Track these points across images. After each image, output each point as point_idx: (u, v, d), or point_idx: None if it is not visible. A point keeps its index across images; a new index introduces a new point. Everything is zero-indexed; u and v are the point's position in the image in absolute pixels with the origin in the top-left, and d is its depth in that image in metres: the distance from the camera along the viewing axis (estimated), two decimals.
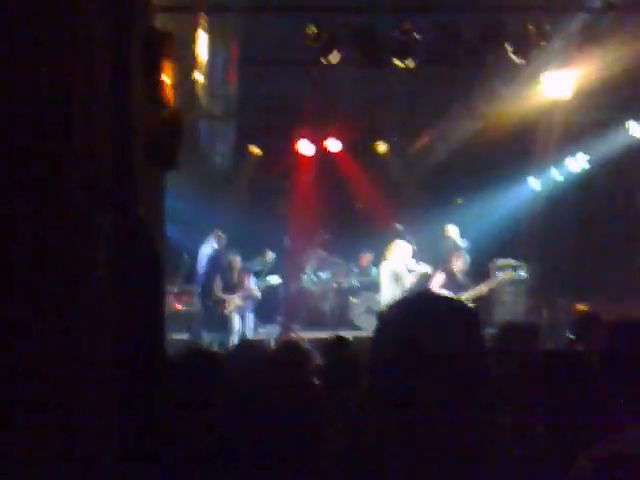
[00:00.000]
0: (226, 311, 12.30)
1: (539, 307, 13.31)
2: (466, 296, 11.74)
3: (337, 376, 4.52)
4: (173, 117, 4.11)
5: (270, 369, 4.20)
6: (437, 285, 11.95)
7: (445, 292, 11.80)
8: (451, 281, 11.90)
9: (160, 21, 6.45)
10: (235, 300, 12.36)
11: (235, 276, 12.54)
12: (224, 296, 12.36)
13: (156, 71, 4.04)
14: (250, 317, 12.60)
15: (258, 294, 12.66)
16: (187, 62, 9.67)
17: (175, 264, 12.75)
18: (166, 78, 4.11)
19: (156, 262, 4.04)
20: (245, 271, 12.73)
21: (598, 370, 3.83)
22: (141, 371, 3.89)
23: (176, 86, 4.94)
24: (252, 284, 12.63)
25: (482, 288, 11.83)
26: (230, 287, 12.45)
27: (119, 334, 3.81)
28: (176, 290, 12.41)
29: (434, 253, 12.68)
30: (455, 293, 11.75)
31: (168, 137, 4.01)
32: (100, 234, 3.57)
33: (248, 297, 12.54)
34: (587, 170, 13.67)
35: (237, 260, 12.63)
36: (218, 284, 12.48)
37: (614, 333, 4.12)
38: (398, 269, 11.53)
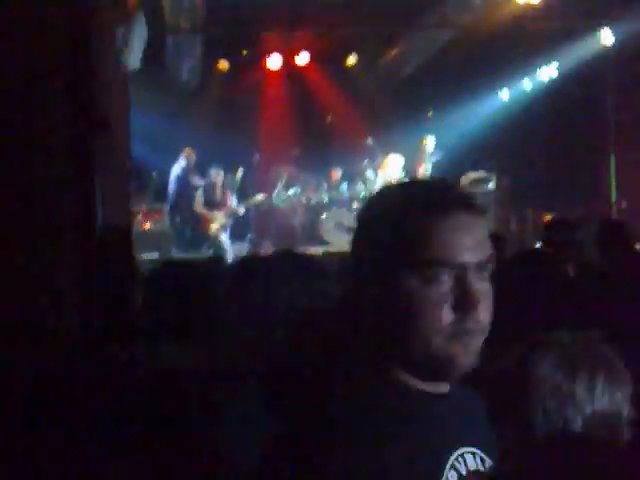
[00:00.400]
0: (212, 230, 12.05)
1: (508, 218, 13.37)
2: None
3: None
4: (129, 11, 3.95)
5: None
6: None
7: None
8: None
9: None
10: (220, 218, 12.12)
11: (218, 192, 12.24)
12: (208, 213, 12.11)
13: None
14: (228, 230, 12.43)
15: (242, 211, 12.46)
16: None
17: (143, 182, 12.57)
18: None
19: (122, 175, 3.91)
20: (228, 187, 12.44)
21: (561, 269, 3.84)
22: (111, 290, 3.82)
23: None
24: (234, 201, 12.37)
25: None
26: (213, 204, 12.16)
27: (85, 254, 3.72)
28: (145, 209, 12.22)
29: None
30: None
31: (126, 31, 3.86)
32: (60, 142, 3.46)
33: (232, 215, 12.32)
34: (556, 79, 13.58)
35: (220, 175, 12.29)
36: (199, 200, 12.18)
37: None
38: (393, 181, 11.63)
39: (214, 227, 12.09)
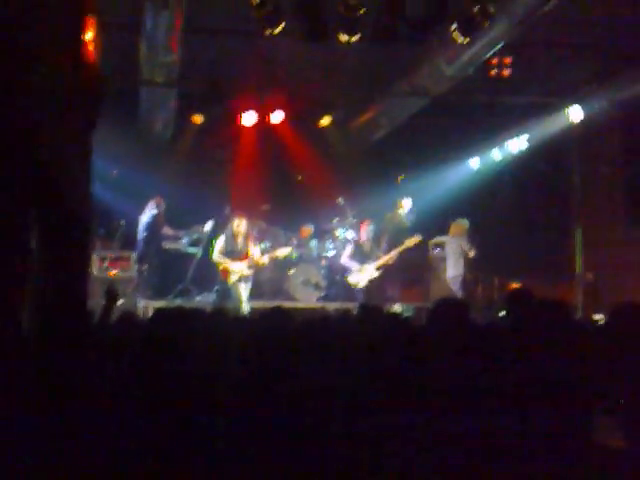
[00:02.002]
0: (230, 281, 11.69)
1: (474, 284, 13.51)
2: (374, 265, 12.12)
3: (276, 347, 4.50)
4: (94, 76, 4.06)
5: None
6: (346, 256, 12.38)
7: (353, 263, 12.22)
8: (359, 251, 12.46)
9: None
10: (241, 269, 11.75)
11: (240, 242, 11.85)
12: (228, 264, 11.74)
13: (76, 28, 3.98)
14: (247, 287, 11.95)
15: (265, 261, 12.16)
16: (127, 27, 9.59)
17: (111, 229, 12.69)
18: (88, 35, 4.04)
19: (81, 222, 4.00)
20: (251, 236, 12.06)
21: (519, 345, 3.96)
22: (64, 336, 3.87)
23: (109, 50, 4.88)
24: (258, 251, 12.09)
25: (387, 257, 12.21)
26: (234, 254, 11.79)
27: (40, 297, 3.80)
28: (111, 255, 12.28)
29: (376, 226, 12.85)
30: (361, 263, 12.15)
31: (88, 96, 3.97)
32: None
33: (255, 266, 11.96)
34: (526, 151, 13.86)
35: (242, 224, 11.86)
36: (219, 249, 11.82)
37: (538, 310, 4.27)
38: (464, 246, 12.49)
39: (233, 278, 11.72)
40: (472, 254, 12.47)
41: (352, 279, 12.45)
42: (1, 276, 3.56)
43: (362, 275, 12.27)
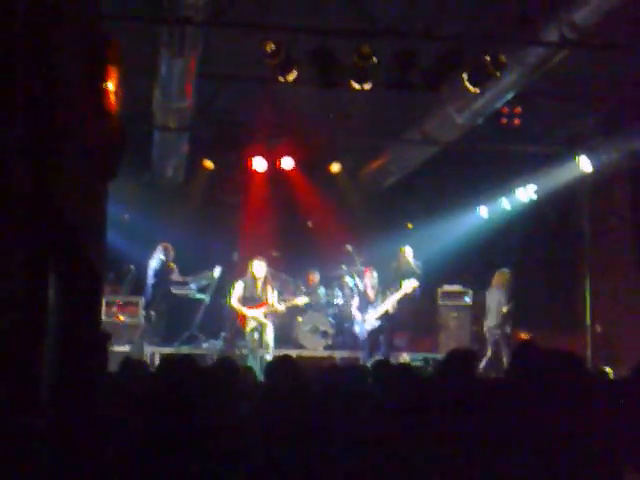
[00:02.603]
0: (248, 329, 11.47)
1: (483, 334, 13.42)
2: (374, 315, 12.00)
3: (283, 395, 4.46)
4: (115, 126, 4.06)
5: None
6: (355, 307, 12.31)
7: (358, 313, 12.14)
8: (364, 301, 12.35)
9: (115, 31, 6.40)
10: (257, 316, 11.51)
11: (258, 287, 11.62)
12: (246, 311, 11.53)
13: (98, 78, 3.99)
14: (271, 328, 11.67)
15: (282, 308, 11.94)
16: (142, 74, 9.66)
17: (121, 274, 12.65)
18: (110, 86, 4.05)
19: (93, 272, 3.98)
20: (269, 282, 11.76)
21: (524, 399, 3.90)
22: (78, 385, 3.83)
23: (125, 95, 4.90)
24: (275, 297, 11.79)
25: (386, 305, 12.05)
26: (252, 300, 11.58)
27: (54, 343, 3.76)
28: (120, 301, 12.23)
29: (384, 275, 12.79)
30: (365, 313, 12.02)
31: (108, 146, 3.96)
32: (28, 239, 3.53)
33: (272, 313, 11.71)
34: (535, 200, 13.84)
35: (262, 267, 11.60)
36: (237, 295, 11.59)
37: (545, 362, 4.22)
38: (500, 299, 12.38)
39: (250, 325, 11.52)
40: (504, 310, 12.28)
41: (356, 329, 12.39)
42: (23, 329, 3.53)
43: (364, 325, 12.17)
